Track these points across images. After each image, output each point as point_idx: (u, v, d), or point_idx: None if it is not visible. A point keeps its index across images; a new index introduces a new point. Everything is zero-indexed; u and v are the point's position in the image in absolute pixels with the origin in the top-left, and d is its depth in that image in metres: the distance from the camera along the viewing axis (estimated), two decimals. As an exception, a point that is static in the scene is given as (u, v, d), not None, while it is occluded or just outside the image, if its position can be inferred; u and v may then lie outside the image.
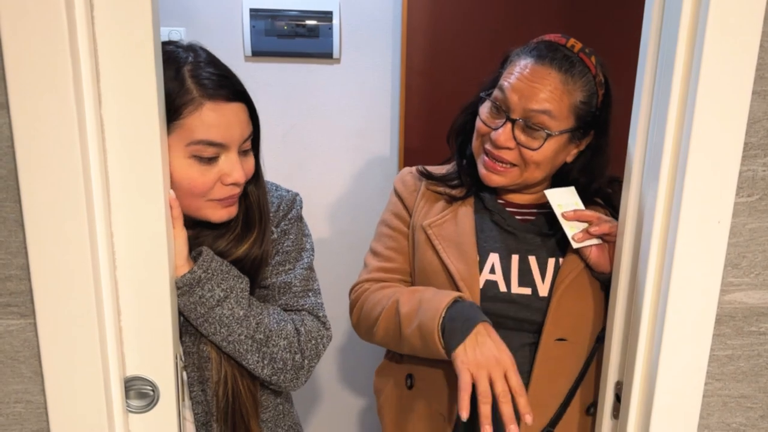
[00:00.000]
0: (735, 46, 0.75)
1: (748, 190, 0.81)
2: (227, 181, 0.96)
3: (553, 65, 1.09)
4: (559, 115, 1.09)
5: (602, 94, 1.14)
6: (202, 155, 0.93)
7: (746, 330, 0.87)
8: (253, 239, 1.04)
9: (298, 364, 1.03)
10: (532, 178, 1.15)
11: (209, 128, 0.92)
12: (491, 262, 1.16)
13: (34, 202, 0.74)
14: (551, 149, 1.11)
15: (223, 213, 1.00)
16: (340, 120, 2.13)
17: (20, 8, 0.68)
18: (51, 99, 0.71)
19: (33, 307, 0.77)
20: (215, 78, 0.94)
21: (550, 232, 1.18)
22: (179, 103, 0.90)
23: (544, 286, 1.14)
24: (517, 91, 1.09)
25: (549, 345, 1.11)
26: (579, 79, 1.10)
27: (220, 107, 0.93)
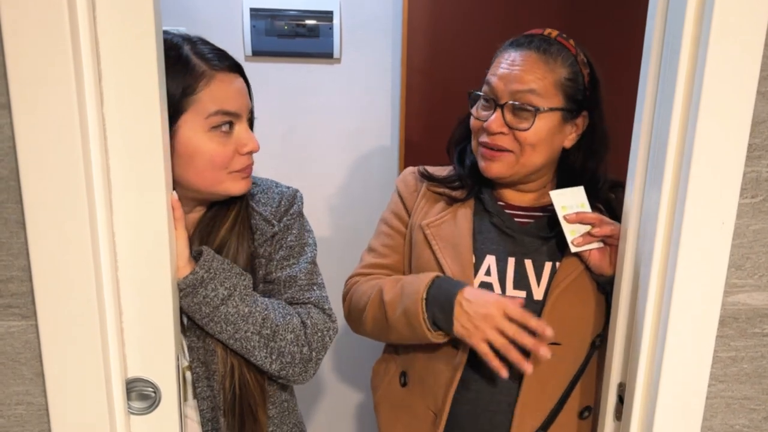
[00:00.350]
0: (739, 47, 0.74)
1: (752, 191, 0.81)
2: (243, 150, 1.00)
3: (531, 48, 1.13)
4: (545, 92, 1.10)
5: (587, 74, 1.15)
6: (220, 125, 0.97)
7: (750, 331, 0.86)
8: (232, 216, 1.06)
9: (306, 356, 1.03)
10: (530, 164, 1.14)
11: (223, 98, 0.97)
12: (487, 264, 1.16)
13: (36, 202, 0.73)
14: (544, 128, 1.11)
15: (242, 184, 1.03)
16: (340, 119, 2.13)
17: (22, 7, 0.68)
18: (53, 99, 0.71)
19: (34, 308, 0.77)
20: (216, 51, 0.99)
21: (549, 234, 1.17)
22: (191, 80, 0.94)
23: (539, 289, 1.13)
24: (501, 79, 1.12)
25: None
26: (559, 57, 1.12)
27: (227, 77, 0.98)
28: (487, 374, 1.14)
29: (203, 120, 0.95)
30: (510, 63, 1.12)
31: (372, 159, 2.18)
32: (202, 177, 0.98)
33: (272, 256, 1.08)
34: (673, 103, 0.79)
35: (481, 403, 1.15)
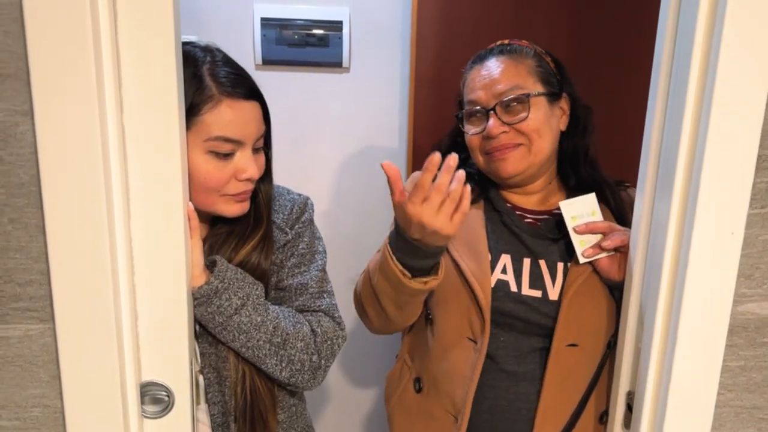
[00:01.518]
0: (749, 58, 0.75)
1: (762, 202, 0.82)
2: (242, 176, 0.99)
3: (493, 55, 1.21)
4: (525, 82, 1.16)
5: (550, 60, 1.23)
6: (219, 151, 0.96)
7: (759, 341, 0.87)
8: (257, 239, 1.06)
9: (315, 364, 1.04)
10: (541, 150, 1.17)
11: (227, 125, 0.96)
12: (503, 263, 1.17)
13: (56, 208, 0.74)
14: (540, 113, 1.16)
15: (236, 207, 1.02)
16: (348, 128, 2.14)
17: (46, 17, 0.70)
18: (74, 107, 0.72)
19: (52, 312, 0.78)
20: (232, 76, 0.97)
21: (558, 236, 1.19)
22: (198, 100, 0.94)
23: (554, 290, 1.14)
24: (482, 89, 1.18)
25: (561, 350, 1.11)
26: (519, 53, 1.20)
27: (237, 104, 0.97)
28: (504, 381, 1.14)
29: (202, 142, 0.95)
30: (483, 74, 1.19)
31: (379, 167, 2.19)
32: (195, 196, 0.97)
33: (284, 263, 1.09)
34: (683, 114, 0.80)
35: (498, 410, 1.15)
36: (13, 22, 0.70)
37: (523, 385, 1.13)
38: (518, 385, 1.13)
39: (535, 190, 1.24)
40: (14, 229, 0.76)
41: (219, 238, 1.05)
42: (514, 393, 1.14)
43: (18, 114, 0.72)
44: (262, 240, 1.06)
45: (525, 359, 1.13)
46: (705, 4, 0.77)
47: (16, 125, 0.73)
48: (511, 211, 1.23)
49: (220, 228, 1.06)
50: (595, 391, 1.14)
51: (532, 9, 1.99)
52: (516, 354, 1.13)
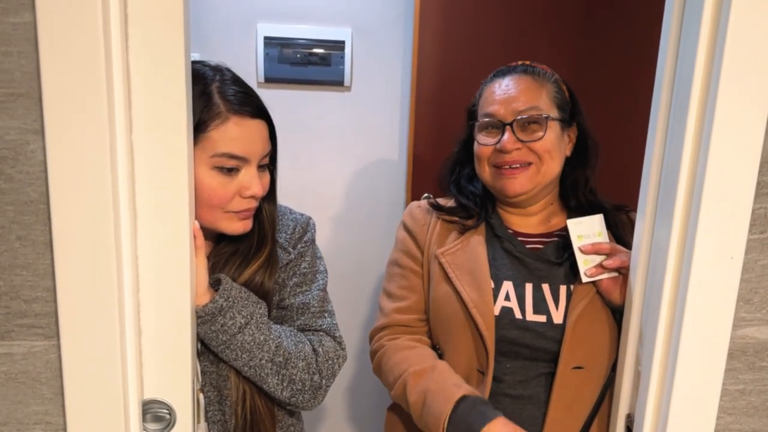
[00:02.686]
0: (749, 87, 0.77)
1: (761, 227, 0.83)
2: (246, 194, 1.00)
3: (517, 72, 1.23)
4: (545, 106, 1.18)
5: (566, 89, 1.25)
6: (224, 166, 0.97)
7: (758, 365, 0.88)
8: (262, 259, 1.07)
9: (317, 384, 1.04)
10: (550, 172, 1.19)
11: (232, 141, 0.97)
12: (506, 290, 1.17)
13: (64, 225, 0.75)
14: (553, 136, 1.18)
15: (238, 225, 1.03)
16: (349, 146, 2.16)
17: (59, 39, 0.71)
18: (85, 126, 0.73)
19: (57, 329, 0.78)
20: (240, 95, 0.99)
21: (559, 260, 1.19)
22: (206, 116, 0.95)
23: (558, 313, 1.14)
24: (501, 103, 1.19)
25: (566, 373, 1.11)
26: (543, 76, 1.22)
27: (244, 122, 0.98)
28: (510, 404, 1.14)
29: (208, 158, 0.96)
30: (504, 88, 1.20)
31: (380, 185, 2.21)
32: (198, 211, 0.98)
33: (286, 283, 1.10)
34: (683, 140, 0.82)
35: None
36: (27, 43, 0.71)
37: (528, 408, 1.13)
38: (524, 409, 1.13)
39: (535, 211, 1.25)
40: (21, 246, 0.76)
41: (223, 256, 1.05)
42: (519, 417, 1.13)
43: (29, 132, 0.73)
44: (267, 260, 1.06)
45: (530, 383, 1.13)
46: (705, 33, 0.79)
47: (27, 143, 0.74)
48: (513, 237, 1.23)
49: (224, 247, 1.07)
50: (600, 414, 1.14)
51: (534, 30, 2.01)
52: (522, 379, 1.13)
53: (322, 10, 2.04)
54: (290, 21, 2.04)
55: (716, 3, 0.78)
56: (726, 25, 0.75)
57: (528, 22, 2.01)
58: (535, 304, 1.16)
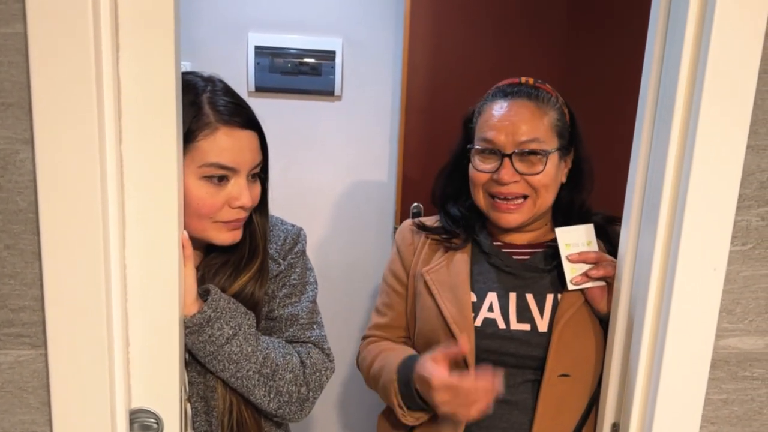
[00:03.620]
0: (730, 103, 0.78)
1: (743, 239, 0.84)
2: (235, 204, 0.99)
3: (522, 97, 1.17)
4: (546, 137, 1.15)
5: (568, 112, 1.22)
6: (213, 177, 0.97)
7: (740, 375, 0.89)
8: (254, 271, 1.07)
9: (303, 396, 1.04)
10: (545, 204, 1.18)
11: (222, 152, 0.96)
12: (489, 301, 1.18)
13: (53, 234, 0.75)
14: (552, 169, 1.16)
15: (227, 236, 1.02)
16: (339, 155, 2.17)
17: (50, 49, 0.71)
18: (75, 136, 0.73)
19: (45, 338, 0.78)
20: (231, 106, 0.99)
21: (549, 267, 1.20)
22: (195, 126, 0.95)
23: (543, 321, 1.15)
24: (501, 130, 1.15)
25: (552, 381, 1.12)
26: (547, 102, 1.18)
27: (233, 133, 0.98)
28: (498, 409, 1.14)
29: (197, 167, 0.96)
30: (506, 113, 1.16)
31: (370, 194, 2.21)
32: (187, 221, 0.97)
33: (275, 294, 1.10)
34: (667, 154, 0.83)
35: None
36: (17, 53, 0.72)
37: (516, 414, 1.14)
38: (511, 414, 1.14)
39: (531, 229, 1.25)
40: (10, 255, 0.77)
41: (213, 267, 1.05)
42: (507, 422, 1.14)
43: (18, 142, 0.74)
44: (258, 271, 1.06)
45: (518, 389, 1.14)
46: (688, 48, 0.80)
47: (16, 153, 0.74)
48: (499, 250, 1.23)
49: (214, 257, 1.07)
50: (588, 423, 1.15)
51: (522, 40, 2.04)
52: (509, 384, 1.14)
53: (313, 21, 2.06)
54: (281, 31, 2.05)
55: (699, 18, 0.79)
56: (708, 39, 0.77)
57: (516, 32, 2.03)
58: (519, 312, 1.16)
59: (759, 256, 0.85)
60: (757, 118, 0.81)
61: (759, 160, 0.82)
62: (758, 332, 0.88)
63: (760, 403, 0.90)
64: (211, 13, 2.03)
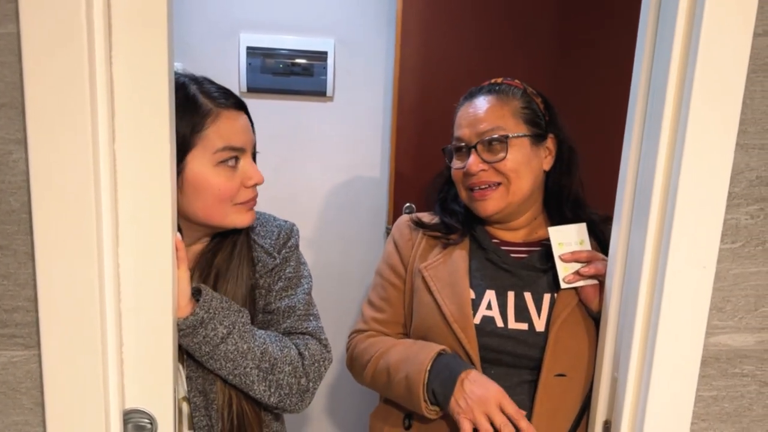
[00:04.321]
0: (720, 103, 0.79)
1: (732, 237, 0.85)
2: (249, 183, 1.05)
3: (482, 93, 1.24)
4: (507, 124, 1.19)
5: (540, 102, 1.26)
6: (226, 160, 1.01)
7: (730, 372, 0.90)
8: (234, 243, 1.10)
9: (304, 387, 1.05)
10: (520, 190, 1.20)
11: (230, 134, 1.01)
12: (488, 299, 1.19)
13: (46, 235, 0.75)
14: (519, 154, 1.19)
15: (247, 216, 1.07)
16: (331, 156, 2.17)
17: (43, 49, 0.71)
18: (68, 135, 0.73)
19: (38, 338, 0.78)
20: (221, 91, 1.04)
21: (546, 266, 1.21)
22: (198, 118, 0.99)
23: (540, 321, 1.16)
24: (466, 126, 1.22)
25: (549, 381, 1.12)
26: (509, 93, 1.23)
27: (233, 114, 1.03)
28: None
29: (211, 155, 0.99)
30: (471, 111, 1.22)
31: (362, 195, 2.22)
32: (209, 210, 1.01)
33: (271, 288, 1.11)
34: (657, 153, 0.84)
35: None
36: (10, 53, 0.72)
37: None
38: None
39: (519, 225, 1.27)
40: (3, 256, 0.76)
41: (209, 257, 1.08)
42: None
43: (12, 142, 0.73)
44: (232, 250, 1.09)
45: (515, 390, 1.15)
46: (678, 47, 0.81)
47: (9, 153, 0.74)
48: (497, 247, 1.25)
49: (209, 246, 1.10)
50: (582, 422, 1.15)
51: (512, 41, 2.05)
52: (506, 385, 1.14)
53: (305, 21, 2.06)
54: (273, 31, 2.05)
55: (688, 19, 0.80)
56: (697, 40, 0.78)
57: (506, 33, 2.04)
58: (517, 312, 1.17)
59: (748, 254, 0.86)
60: (746, 117, 0.82)
61: (748, 159, 0.83)
62: (748, 329, 0.89)
63: (750, 400, 0.91)
64: (202, 14, 2.03)
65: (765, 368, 0.90)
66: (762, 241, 0.86)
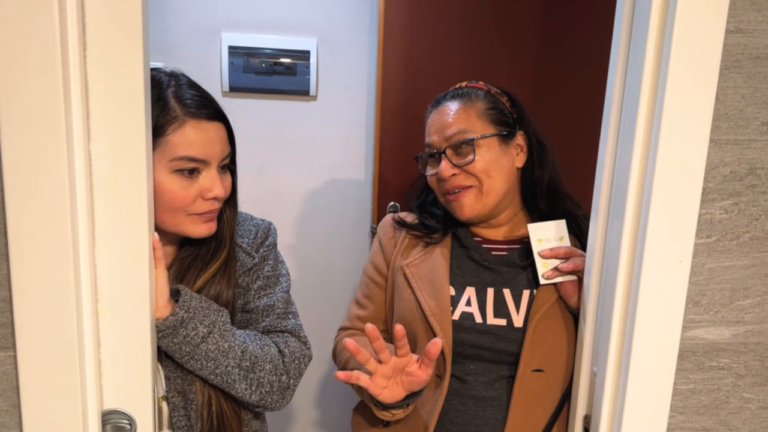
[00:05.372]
0: (693, 99, 0.80)
1: (707, 232, 0.86)
2: (208, 195, 1.00)
3: (447, 99, 1.26)
4: (472, 126, 1.21)
5: (506, 100, 1.27)
6: (184, 170, 0.97)
7: (707, 365, 0.91)
8: (221, 259, 1.07)
9: (284, 384, 1.05)
10: (493, 190, 1.21)
11: (191, 145, 0.97)
12: (467, 295, 1.20)
13: (20, 235, 0.74)
14: (487, 155, 1.20)
15: (203, 228, 1.03)
16: (315, 155, 2.17)
17: (15, 46, 0.71)
18: (42, 134, 0.73)
19: (14, 339, 0.77)
20: (197, 99, 1.00)
21: (526, 263, 1.22)
22: (163, 121, 0.96)
23: (519, 317, 1.17)
24: (434, 133, 1.24)
25: (526, 376, 1.13)
26: (473, 95, 1.25)
27: (201, 125, 0.98)
28: (473, 407, 1.16)
29: (167, 162, 0.96)
30: (437, 117, 1.25)
31: (346, 194, 2.22)
32: (161, 216, 0.99)
33: (250, 286, 1.11)
34: (632, 150, 0.85)
35: None
36: (-18, 52, 0.71)
37: (490, 410, 1.15)
38: (486, 411, 1.16)
39: (500, 223, 1.28)
40: (-23, 257, 0.76)
41: (185, 262, 1.06)
42: (482, 418, 1.16)
43: (-16, 142, 0.73)
44: (224, 263, 1.07)
45: (493, 385, 1.16)
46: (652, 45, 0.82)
47: (-18, 153, 0.73)
48: (478, 245, 1.26)
49: (185, 251, 1.07)
50: (561, 417, 1.16)
51: (493, 41, 2.05)
52: (485, 380, 1.16)
53: (287, 20, 2.05)
54: (255, 30, 2.05)
55: (661, 17, 0.81)
56: (671, 38, 0.79)
57: (489, 32, 2.05)
58: (495, 308, 1.18)
59: (723, 248, 0.87)
60: (719, 113, 0.83)
61: (722, 155, 0.84)
62: (723, 323, 0.90)
63: (726, 393, 0.92)
64: (184, 13, 2.02)
65: (741, 361, 0.91)
66: (736, 236, 0.87)
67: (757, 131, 0.84)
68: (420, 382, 1.04)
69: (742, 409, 0.93)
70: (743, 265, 0.88)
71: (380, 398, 1.04)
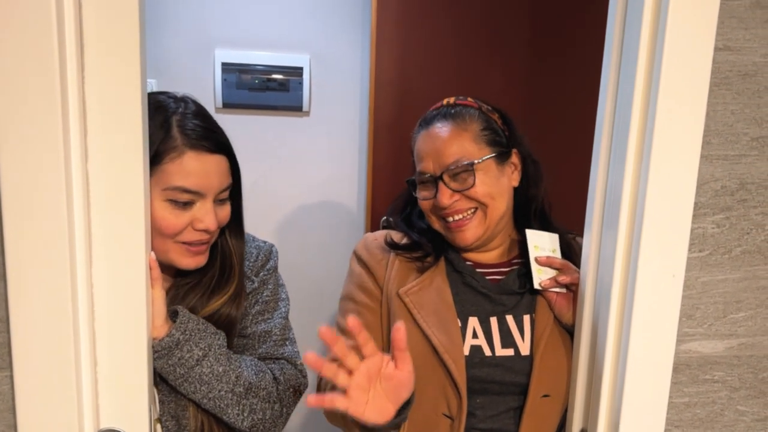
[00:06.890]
0: (684, 115, 0.81)
1: (700, 246, 0.87)
2: (198, 226, 0.98)
3: (439, 121, 1.20)
4: (470, 151, 1.16)
5: (498, 117, 1.22)
6: (177, 200, 0.96)
7: (701, 378, 0.92)
8: (229, 294, 1.05)
9: (277, 412, 1.04)
10: (496, 212, 1.17)
11: (187, 176, 0.96)
12: (472, 327, 1.15)
13: (18, 254, 0.74)
14: (487, 177, 1.16)
15: (190, 261, 1.01)
16: (308, 171, 2.17)
17: (13, 65, 0.71)
18: (40, 154, 0.73)
19: (10, 359, 0.77)
20: (200, 130, 0.98)
21: (521, 290, 1.19)
22: (162, 149, 0.95)
23: (525, 344, 1.14)
24: (428, 158, 1.18)
25: (535, 403, 1.11)
26: (466, 117, 1.19)
27: (201, 157, 0.97)
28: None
29: (161, 190, 0.95)
30: (429, 141, 1.19)
31: (339, 209, 2.22)
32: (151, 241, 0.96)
33: (248, 311, 1.09)
34: (625, 165, 0.86)
35: None
36: (-19, 73, 0.71)
37: None
38: None
39: (494, 247, 1.24)
40: (-27, 276, 0.76)
41: (184, 288, 1.04)
42: None
43: (-18, 162, 0.73)
44: (235, 293, 1.05)
45: (500, 417, 1.13)
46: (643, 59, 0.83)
47: (-20, 173, 0.73)
48: (473, 270, 1.21)
49: (185, 278, 1.06)
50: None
51: (486, 55, 2.07)
52: (492, 414, 1.12)
53: (280, 37, 2.07)
54: (248, 47, 2.06)
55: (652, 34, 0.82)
56: (661, 55, 0.80)
57: (481, 46, 2.07)
58: (502, 337, 1.14)
59: (716, 262, 0.88)
60: (709, 129, 0.84)
61: (713, 170, 0.85)
62: (717, 336, 0.91)
63: (721, 405, 0.93)
64: (177, 30, 2.03)
65: (735, 374, 0.92)
66: (728, 250, 0.88)
67: (747, 146, 0.86)
68: (403, 383, 0.94)
69: (737, 422, 0.94)
70: (736, 278, 0.89)
71: (366, 419, 0.91)
